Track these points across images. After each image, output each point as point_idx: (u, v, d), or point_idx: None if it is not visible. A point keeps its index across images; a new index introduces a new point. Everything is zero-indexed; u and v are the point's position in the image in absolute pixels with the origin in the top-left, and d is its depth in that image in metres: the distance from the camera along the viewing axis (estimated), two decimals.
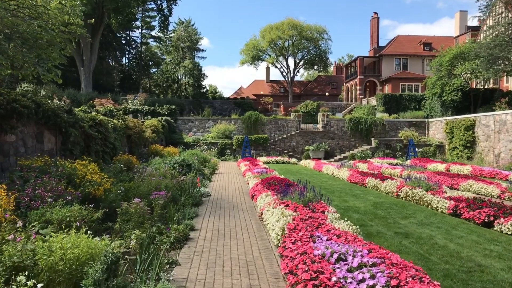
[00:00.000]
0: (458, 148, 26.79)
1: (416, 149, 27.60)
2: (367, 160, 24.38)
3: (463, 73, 31.86)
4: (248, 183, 13.54)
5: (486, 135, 24.29)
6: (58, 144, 10.77)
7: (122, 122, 16.53)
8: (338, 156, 29.11)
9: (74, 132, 10.89)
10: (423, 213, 8.49)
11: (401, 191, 10.76)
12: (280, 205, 7.01)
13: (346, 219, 6.77)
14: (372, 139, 29.83)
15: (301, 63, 64.51)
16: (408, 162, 25.12)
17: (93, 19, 11.27)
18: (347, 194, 11.44)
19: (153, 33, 64.00)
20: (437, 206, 8.97)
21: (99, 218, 6.05)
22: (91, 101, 28.79)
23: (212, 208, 8.83)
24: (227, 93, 66.30)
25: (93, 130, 12.46)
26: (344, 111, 43.72)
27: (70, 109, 11.16)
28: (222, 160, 27.48)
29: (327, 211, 6.93)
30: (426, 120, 32.35)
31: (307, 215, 6.45)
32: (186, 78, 59.72)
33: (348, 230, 5.93)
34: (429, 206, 9.37)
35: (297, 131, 30.37)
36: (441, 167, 21.05)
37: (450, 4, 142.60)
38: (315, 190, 7.74)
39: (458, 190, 12.94)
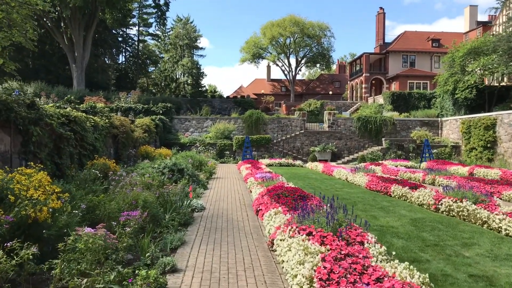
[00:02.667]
0: (476, 149, 24.71)
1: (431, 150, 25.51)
2: (380, 162, 22.30)
3: (477, 70, 29.84)
4: (251, 192, 11.48)
5: (509, 134, 22.22)
6: (15, 145, 8.69)
7: (106, 120, 14.47)
8: (346, 158, 27.03)
9: (36, 131, 8.82)
10: (485, 238, 6.41)
11: (441, 203, 8.68)
12: (299, 233, 4.94)
13: (393, 253, 4.71)
14: (383, 139, 27.75)
15: (303, 61, 62.45)
16: (424, 164, 23.06)
17: None
18: (373, 206, 9.36)
19: (150, 30, 62.09)
20: (499, 227, 6.89)
21: (29, 258, 4.00)
22: (69, 97, 26.62)
23: (206, 229, 6.75)
24: (226, 93, 64.07)
25: (65, 128, 10.40)
26: (349, 110, 41.65)
27: (33, 103, 9.09)
28: (221, 162, 25.41)
29: (367, 242, 4.85)
30: (439, 119, 30.29)
31: (342, 251, 4.37)
32: (185, 77, 57.74)
33: (409, 277, 3.86)
34: (485, 225, 7.29)
35: (302, 131, 28.28)
36: (463, 170, 18.98)
37: (449, 5, 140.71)
38: (346, 208, 5.64)
39: (501, 199, 10.87)
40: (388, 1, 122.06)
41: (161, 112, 27.81)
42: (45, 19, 37.44)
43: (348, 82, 53.45)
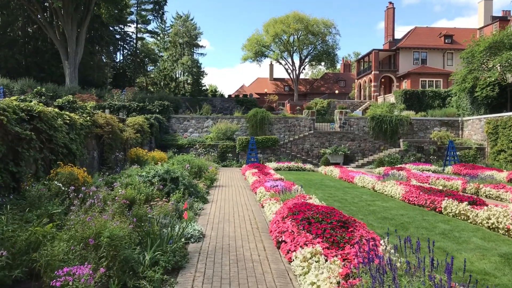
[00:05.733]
0: (506, 152, 22.32)
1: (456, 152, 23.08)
2: (401, 166, 19.91)
3: (497, 66, 27.54)
4: (263, 206, 9.13)
5: None
6: None
7: (88, 118, 12.12)
8: (361, 161, 24.63)
9: None
10: None
11: None
12: None
13: None
14: (401, 141, 25.34)
15: (307, 60, 60.11)
16: (449, 168, 20.70)
17: None
18: (430, 231, 6.98)
19: (149, 27, 59.87)
20: None
21: None
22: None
23: (206, 281, 4.37)
24: (228, 93, 60.92)
25: (25, 126, 8.07)
26: (358, 110, 39.26)
27: None
28: (223, 166, 23.06)
29: None
30: (459, 118, 27.89)
31: None
32: (185, 76, 55.52)
33: None
34: None
35: (311, 132, 25.88)
36: (500, 176, 16.60)
37: (447, 7, 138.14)
38: (449, 262, 3.25)
39: None
40: (387, 2, 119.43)
41: (157, 110, 25.45)
42: (38, 15, 35.21)
43: (356, 80, 51.07)
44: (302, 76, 67.09)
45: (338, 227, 5.54)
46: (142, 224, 6.05)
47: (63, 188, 6.95)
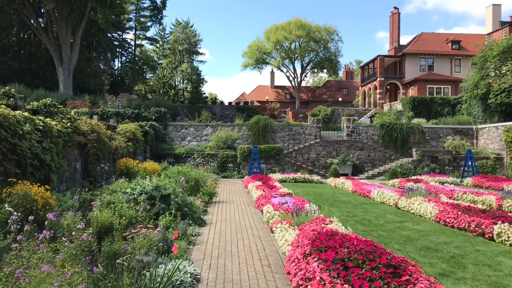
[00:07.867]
0: None
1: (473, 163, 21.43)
2: (417, 178, 18.26)
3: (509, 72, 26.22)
4: (273, 231, 7.49)
5: None
6: None
7: (68, 124, 10.53)
8: (371, 172, 22.97)
9: None
10: None
11: None
12: None
13: None
14: (413, 150, 23.72)
15: (308, 67, 58.77)
16: (469, 180, 19.07)
17: None
18: (496, 271, 5.32)
19: (148, 34, 58.78)
20: None
21: None
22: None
23: None
24: (228, 101, 59.03)
25: None
26: (363, 118, 37.70)
27: None
28: (223, 177, 21.41)
29: None
30: (474, 126, 26.31)
31: None
32: (184, 83, 54.19)
33: None
34: None
35: (317, 140, 24.27)
36: None
37: (444, 17, 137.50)
38: None
39: None
40: (385, 11, 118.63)
41: (153, 117, 23.87)
42: (31, 20, 33.88)
43: (360, 87, 49.64)
44: (303, 83, 65.77)
45: (389, 275, 3.91)
46: (117, 263, 4.43)
47: (14, 213, 5.33)
